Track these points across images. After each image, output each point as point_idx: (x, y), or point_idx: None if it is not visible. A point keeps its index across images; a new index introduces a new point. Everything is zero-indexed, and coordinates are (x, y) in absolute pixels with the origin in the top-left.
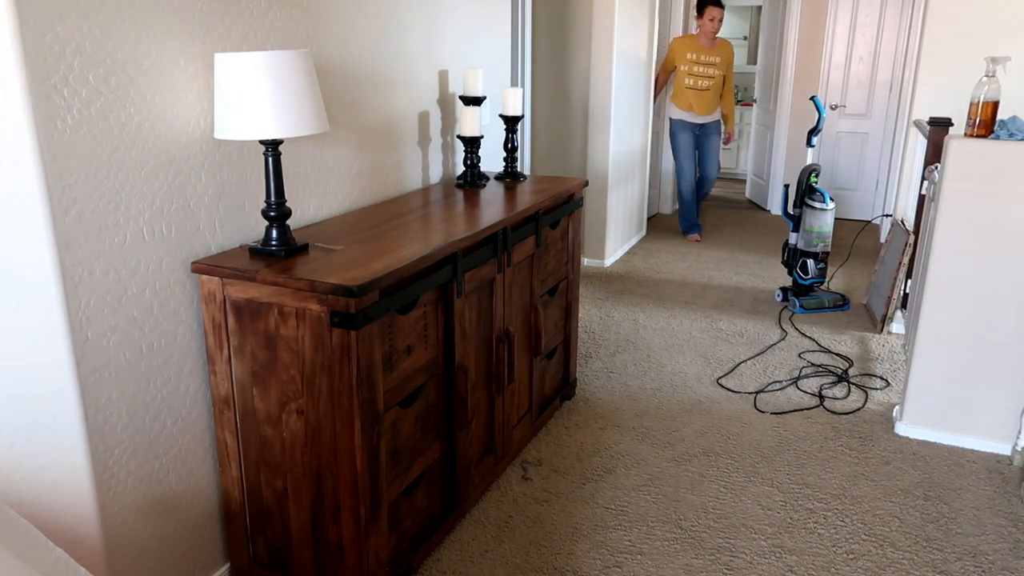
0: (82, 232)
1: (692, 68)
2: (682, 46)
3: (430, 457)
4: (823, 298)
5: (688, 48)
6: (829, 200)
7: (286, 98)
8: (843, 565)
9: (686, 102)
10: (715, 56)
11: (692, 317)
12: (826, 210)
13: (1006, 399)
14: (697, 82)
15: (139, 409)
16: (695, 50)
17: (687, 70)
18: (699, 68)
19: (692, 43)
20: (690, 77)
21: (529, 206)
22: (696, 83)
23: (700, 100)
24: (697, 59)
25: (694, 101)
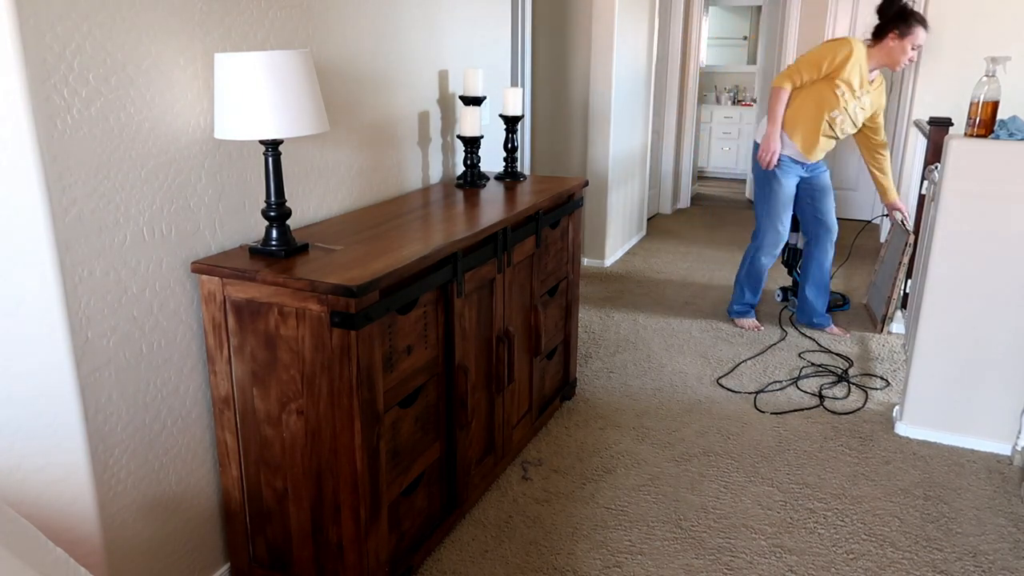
0: (82, 232)
1: (848, 104)
2: (857, 62)
3: (430, 457)
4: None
5: (857, 71)
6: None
7: (286, 98)
8: (843, 565)
9: (808, 142)
10: (865, 94)
11: (692, 317)
12: None
13: (1006, 399)
14: (844, 127)
15: (139, 409)
16: (862, 80)
17: (840, 103)
18: (854, 107)
19: (862, 65)
20: (831, 120)
21: (529, 206)
22: (841, 129)
23: (828, 145)
24: (858, 93)
25: (820, 148)
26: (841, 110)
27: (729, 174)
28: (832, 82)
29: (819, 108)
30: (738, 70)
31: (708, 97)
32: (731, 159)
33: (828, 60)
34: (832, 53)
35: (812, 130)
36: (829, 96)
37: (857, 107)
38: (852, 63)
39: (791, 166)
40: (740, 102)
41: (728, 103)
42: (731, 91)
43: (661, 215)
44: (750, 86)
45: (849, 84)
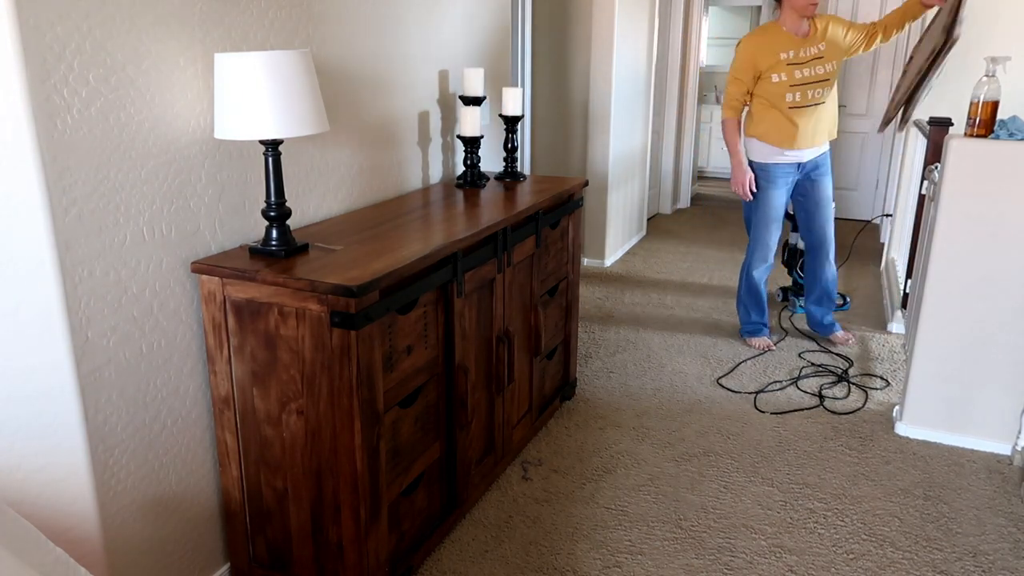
0: (82, 232)
1: (791, 75)
2: (761, 45)
3: (430, 457)
4: None
5: (773, 45)
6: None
7: (286, 98)
8: (843, 565)
9: (783, 131)
10: (819, 45)
11: (692, 317)
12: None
13: (1006, 399)
14: (807, 94)
15: (139, 409)
16: (787, 45)
17: (783, 80)
18: (803, 71)
19: (776, 37)
20: (793, 90)
21: (529, 206)
22: (805, 96)
23: (811, 121)
24: (796, 58)
25: (801, 126)
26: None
27: (729, 174)
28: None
29: (772, 97)
30: None
31: (708, 97)
32: None
33: (738, 68)
34: (737, 61)
35: (778, 115)
36: (771, 88)
37: (814, 67)
38: (756, 49)
39: (777, 174)
40: None
41: None
42: None
43: (661, 215)
44: None
45: (775, 65)
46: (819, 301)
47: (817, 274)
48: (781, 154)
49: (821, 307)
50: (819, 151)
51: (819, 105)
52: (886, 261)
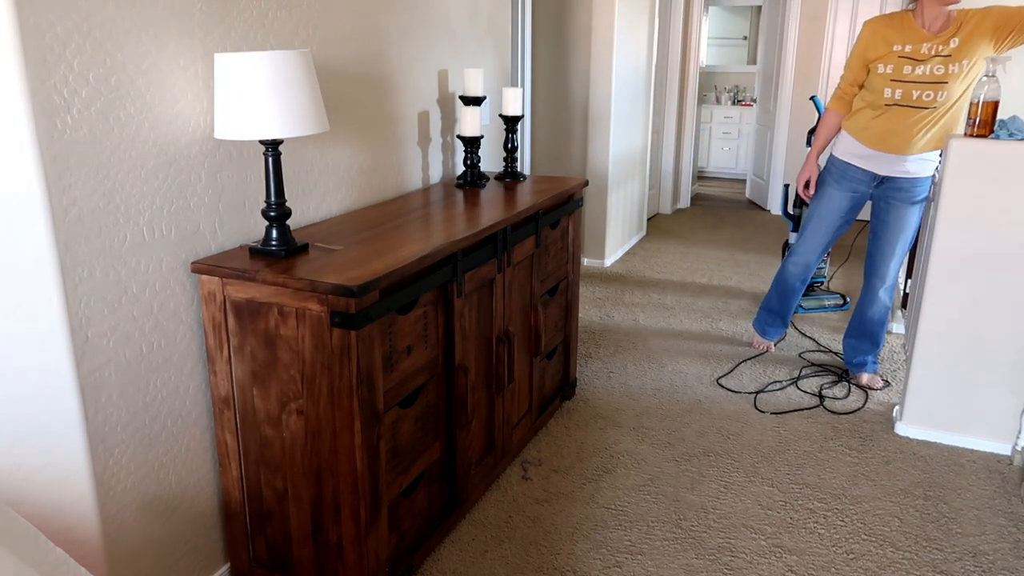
0: (82, 232)
1: (899, 69)
2: (877, 32)
3: (430, 457)
4: (823, 298)
5: (892, 34)
6: None
7: (286, 98)
8: (843, 565)
9: (870, 129)
10: (950, 42)
11: (692, 317)
12: None
13: (1006, 399)
14: (911, 93)
15: (139, 409)
16: (907, 37)
17: (886, 73)
18: (915, 68)
19: (900, 25)
20: (895, 85)
21: (529, 206)
22: (908, 95)
23: (902, 126)
24: (913, 52)
25: (891, 127)
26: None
27: (729, 174)
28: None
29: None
30: (738, 70)
31: (708, 97)
32: (731, 159)
33: (852, 55)
34: (854, 47)
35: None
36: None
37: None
38: (871, 36)
39: (846, 176)
40: (740, 102)
41: (728, 103)
42: (731, 91)
43: (661, 215)
44: (750, 86)
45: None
46: (858, 336)
47: (863, 306)
48: (860, 157)
49: (856, 345)
50: (908, 170)
51: (925, 110)
52: None
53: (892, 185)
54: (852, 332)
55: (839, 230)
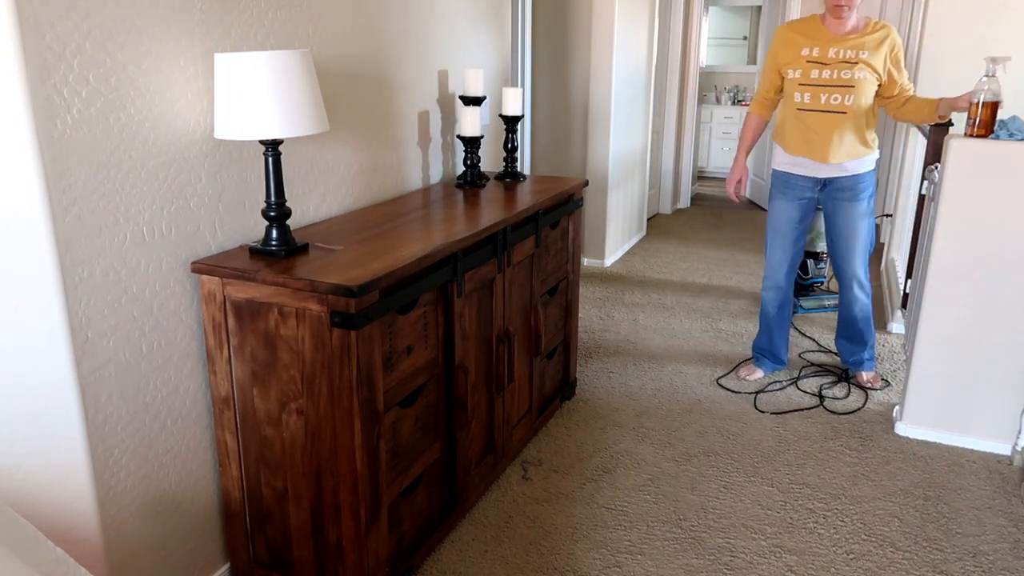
0: (82, 232)
1: (806, 73)
2: (786, 37)
3: (430, 457)
4: (823, 298)
5: (800, 39)
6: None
7: (286, 98)
8: (843, 565)
9: (793, 137)
10: (860, 51)
11: (692, 317)
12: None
13: (1006, 399)
14: (818, 97)
15: (139, 409)
16: (815, 41)
17: (795, 78)
18: (821, 72)
19: (809, 29)
20: (803, 89)
21: (529, 206)
22: (816, 99)
23: (818, 132)
24: (820, 56)
25: (807, 133)
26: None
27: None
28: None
29: (787, 95)
30: (738, 70)
31: (708, 97)
32: (731, 159)
33: (766, 61)
34: (767, 54)
35: (791, 118)
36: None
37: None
38: (781, 41)
39: (788, 185)
40: (740, 102)
41: (728, 103)
42: (731, 91)
43: (661, 215)
44: (750, 86)
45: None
46: (847, 336)
47: (842, 306)
48: (794, 164)
49: (848, 345)
50: (847, 169)
51: (837, 115)
52: (886, 261)
53: (835, 186)
54: (841, 333)
55: (797, 241)
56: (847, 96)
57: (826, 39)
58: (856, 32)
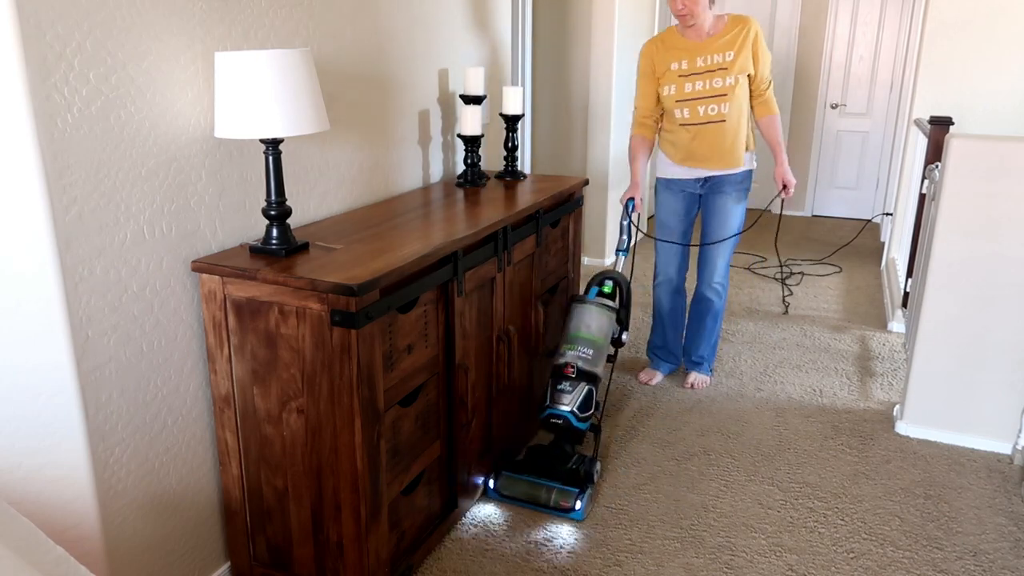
0: (82, 231)
1: (680, 88)
2: (653, 54)
3: (430, 456)
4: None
5: (667, 54)
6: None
7: (286, 97)
8: (843, 564)
9: (679, 148)
10: (725, 53)
11: None
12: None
13: (1006, 398)
14: (697, 110)
15: (139, 408)
16: (681, 53)
17: (671, 94)
18: (694, 84)
19: (672, 43)
20: (681, 105)
21: (529, 205)
22: (695, 112)
23: (703, 144)
24: (689, 68)
25: (694, 146)
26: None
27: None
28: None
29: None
30: None
31: None
32: None
33: (638, 81)
34: (637, 76)
35: (676, 131)
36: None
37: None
38: (650, 59)
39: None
40: None
41: None
42: None
43: None
44: None
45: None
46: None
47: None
48: (680, 171)
49: (693, 334)
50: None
51: (717, 124)
52: (886, 260)
53: (716, 181)
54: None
55: (685, 235)
56: (723, 104)
57: (690, 49)
58: (716, 34)
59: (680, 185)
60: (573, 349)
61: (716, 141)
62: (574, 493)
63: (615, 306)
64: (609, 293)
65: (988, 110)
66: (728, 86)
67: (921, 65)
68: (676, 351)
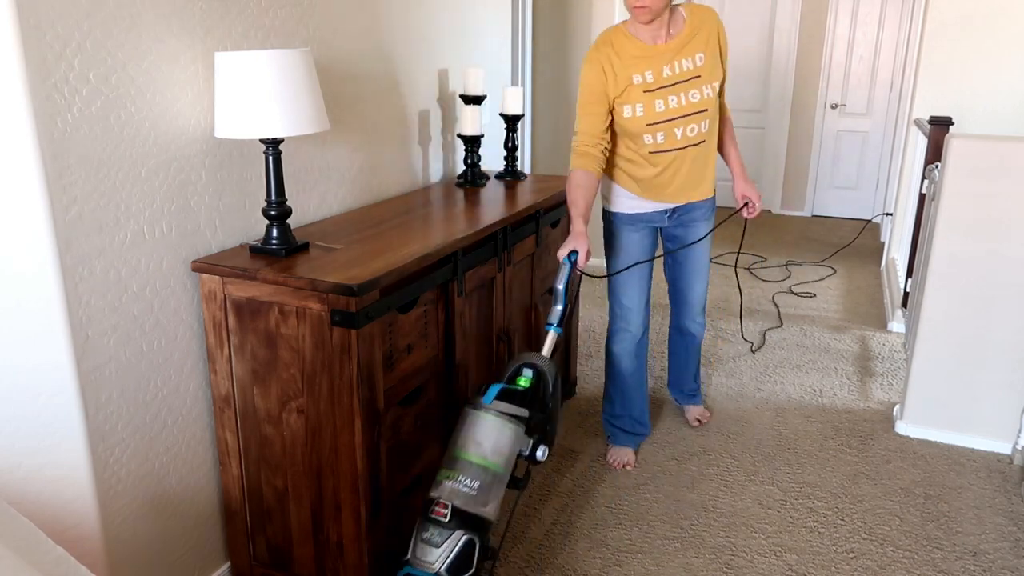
0: (82, 231)
1: (650, 107)
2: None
3: (430, 456)
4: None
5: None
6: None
7: (286, 97)
8: (843, 564)
9: (645, 181)
10: (695, 56)
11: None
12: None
13: (1006, 398)
14: (673, 133)
15: (139, 408)
16: (641, 62)
17: (638, 117)
18: (666, 101)
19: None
20: (653, 129)
21: (529, 205)
22: (672, 137)
23: (683, 169)
24: (657, 80)
25: (664, 175)
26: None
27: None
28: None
29: (628, 136)
30: None
31: None
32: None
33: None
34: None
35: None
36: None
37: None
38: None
39: (632, 218)
40: None
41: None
42: None
43: None
44: None
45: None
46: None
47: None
48: (642, 205)
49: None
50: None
51: (696, 147)
52: (886, 260)
53: (685, 210)
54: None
55: (648, 275)
56: (703, 122)
57: (652, 56)
58: (680, 33)
59: (644, 219)
60: (452, 479)
61: (693, 169)
62: None
63: (523, 414)
64: (525, 388)
65: (988, 110)
66: (707, 99)
67: (921, 65)
68: (644, 419)
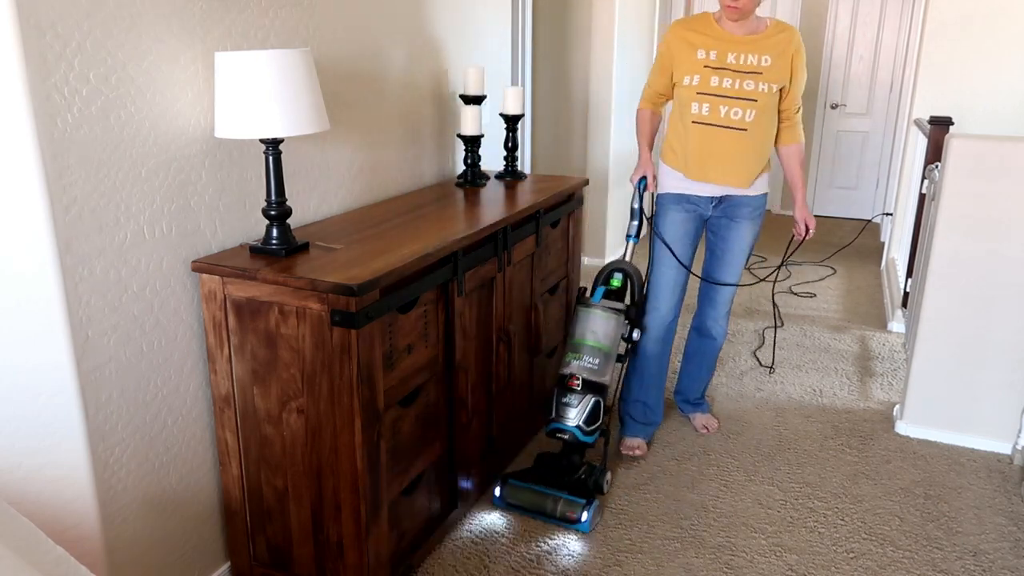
0: (82, 231)
1: (705, 80)
2: (680, 38)
3: (430, 456)
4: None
5: (696, 40)
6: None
7: (286, 97)
8: (843, 564)
9: (686, 154)
10: (763, 56)
11: (691, 315)
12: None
13: (1006, 398)
14: (718, 110)
15: (139, 408)
16: (713, 43)
17: (692, 85)
18: (722, 80)
19: (704, 29)
20: (701, 99)
21: (529, 205)
22: (715, 112)
23: (719, 148)
24: (719, 61)
25: (706, 152)
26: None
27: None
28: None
29: (680, 104)
30: None
31: None
32: None
33: (656, 63)
34: (658, 54)
35: (684, 132)
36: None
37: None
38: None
39: (681, 200)
40: None
41: None
42: None
43: None
44: None
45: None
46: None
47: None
48: (689, 186)
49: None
50: (735, 190)
51: (737, 131)
52: (886, 260)
53: (732, 203)
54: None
55: (690, 263)
56: (748, 111)
57: (723, 40)
58: (755, 34)
59: (690, 202)
60: (578, 359)
61: (730, 152)
62: (581, 504)
63: (622, 307)
64: (619, 287)
65: (988, 110)
66: (760, 92)
67: (921, 65)
68: (658, 410)
